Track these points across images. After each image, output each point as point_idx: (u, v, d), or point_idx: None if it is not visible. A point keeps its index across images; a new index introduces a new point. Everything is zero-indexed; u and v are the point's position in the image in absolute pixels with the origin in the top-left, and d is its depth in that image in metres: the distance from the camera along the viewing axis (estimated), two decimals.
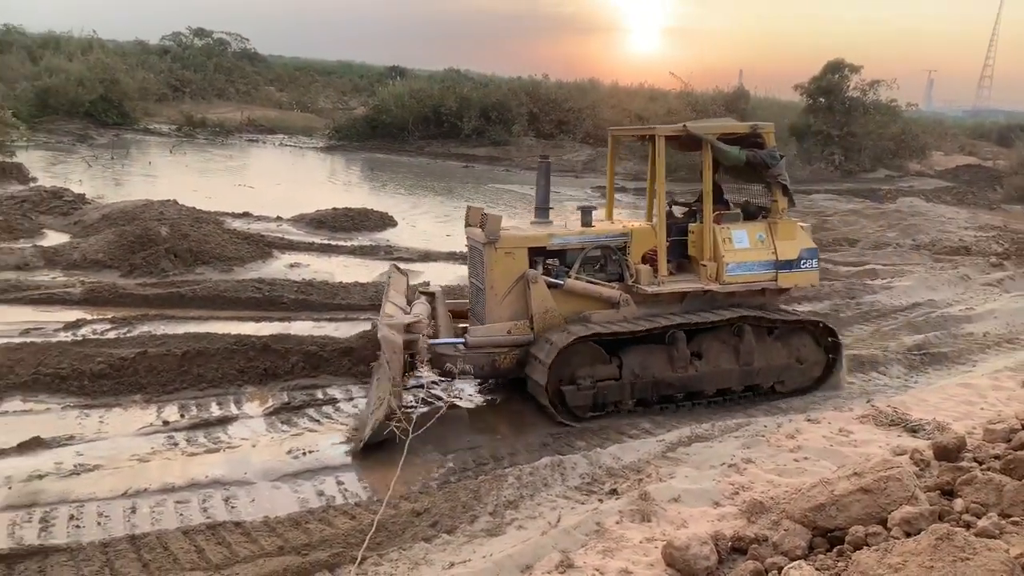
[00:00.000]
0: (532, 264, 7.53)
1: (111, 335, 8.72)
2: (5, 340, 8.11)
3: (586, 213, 7.96)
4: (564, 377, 7.12)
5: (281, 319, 9.92)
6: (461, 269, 13.29)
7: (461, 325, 8.07)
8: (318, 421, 7.15)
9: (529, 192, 23.81)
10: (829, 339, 7.99)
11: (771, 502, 4.56)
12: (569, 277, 7.53)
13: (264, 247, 13.28)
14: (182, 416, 7.05)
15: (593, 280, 7.61)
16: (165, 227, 12.33)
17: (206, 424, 6.92)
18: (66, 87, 32.27)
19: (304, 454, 6.47)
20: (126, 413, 7.08)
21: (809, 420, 6.44)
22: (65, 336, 8.56)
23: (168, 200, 14.66)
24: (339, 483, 6.06)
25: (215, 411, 7.23)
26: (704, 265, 7.59)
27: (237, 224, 14.90)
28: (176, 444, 6.52)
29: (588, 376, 7.15)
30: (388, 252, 14.09)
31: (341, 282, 11.54)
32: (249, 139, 34.75)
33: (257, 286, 10.89)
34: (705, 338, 7.52)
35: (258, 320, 9.81)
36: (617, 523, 4.59)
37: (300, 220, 16.02)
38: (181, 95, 41.30)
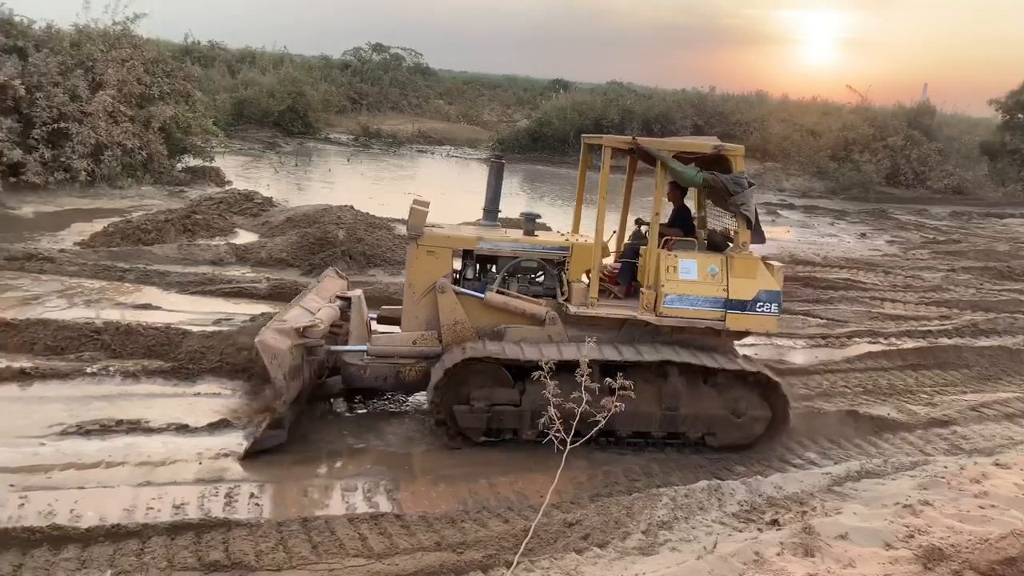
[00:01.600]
0: (462, 268, 7.25)
1: None
2: (200, 328, 8.91)
3: (528, 220, 7.44)
4: (460, 396, 6.63)
5: None
6: None
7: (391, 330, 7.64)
8: None
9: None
10: (774, 394, 6.86)
11: (951, 550, 4.22)
12: (491, 289, 7.04)
13: None
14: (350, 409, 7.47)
15: (520, 295, 7.09)
16: (342, 231, 13.12)
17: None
18: (259, 98, 35.12)
19: (461, 455, 6.67)
20: None
21: (998, 464, 5.90)
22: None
23: (345, 206, 15.58)
24: (491, 486, 6.20)
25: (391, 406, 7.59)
26: (644, 292, 6.87)
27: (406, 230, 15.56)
28: (344, 434, 6.91)
29: (484, 398, 6.60)
30: None
31: None
32: (419, 150, 36.29)
33: None
34: (627, 374, 6.75)
35: None
36: (778, 555, 4.40)
37: None
38: (359, 107, 43.76)
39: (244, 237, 14.25)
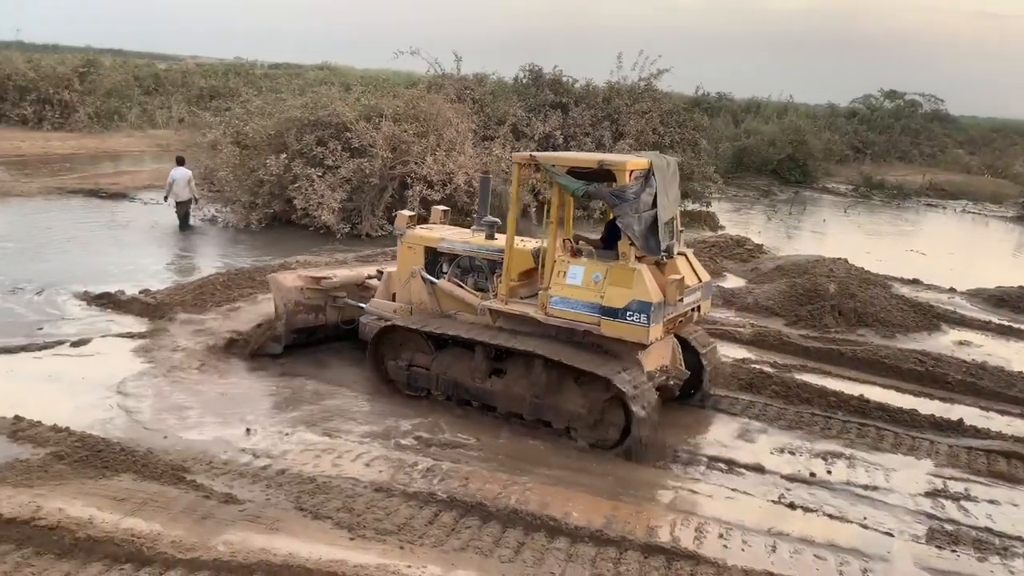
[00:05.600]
0: (435, 262, 8.62)
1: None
2: None
3: (489, 227, 8.51)
4: (393, 353, 8.34)
5: (942, 399, 9.19)
6: None
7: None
8: (985, 526, 6.39)
9: None
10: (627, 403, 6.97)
11: None
12: (442, 279, 8.41)
13: (932, 318, 12.44)
14: (829, 473, 7.10)
15: (463, 285, 8.28)
16: (833, 284, 12.58)
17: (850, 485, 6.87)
18: (759, 147, 35.64)
19: (955, 553, 5.87)
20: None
21: None
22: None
23: (839, 258, 14.94)
24: None
25: (862, 478, 7.07)
26: (540, 293, 7.47)
27: (905, 290, 14.28)
28: (818, 503, 6.61)
29: (407, 358, 8.21)
30: None
31: (1020, 372, 10.08)
32: (927, 204, 32.93)
33: (920, 359, 10.27)
34: (516, 360, 7.63)
35: (917, 395, 9.26)
36: None
37: (976, 295, 14.51)
38: (862, 156, 41.53)
39: (732, 281, 14.54)
